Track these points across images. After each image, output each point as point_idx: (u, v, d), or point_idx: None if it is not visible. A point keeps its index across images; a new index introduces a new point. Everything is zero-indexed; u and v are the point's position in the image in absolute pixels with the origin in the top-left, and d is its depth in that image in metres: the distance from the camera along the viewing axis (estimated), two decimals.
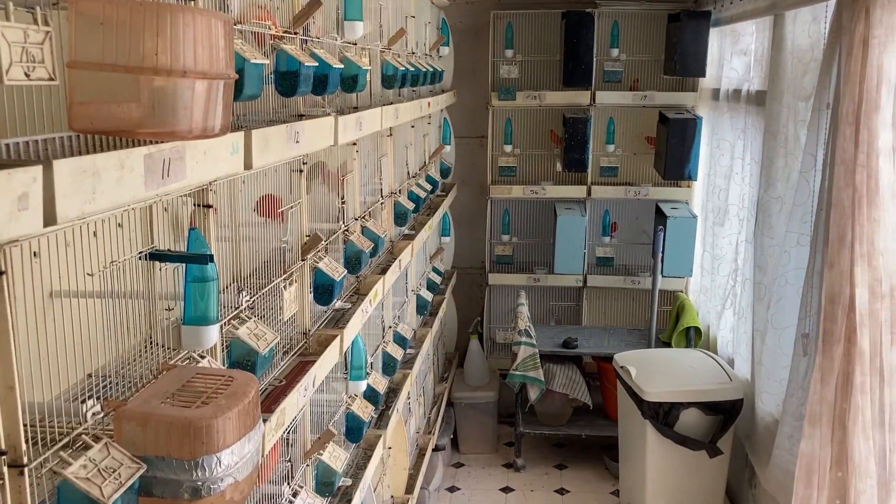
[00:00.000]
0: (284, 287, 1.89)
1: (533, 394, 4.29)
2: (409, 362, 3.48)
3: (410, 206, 3.38)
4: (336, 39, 2.30)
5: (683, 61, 4.29)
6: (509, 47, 4.90)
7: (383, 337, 3.09)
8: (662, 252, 4.33)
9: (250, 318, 1.63)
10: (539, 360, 4.26)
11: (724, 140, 4.11)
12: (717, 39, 4.29)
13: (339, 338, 2.07)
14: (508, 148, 4.99)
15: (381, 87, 2.92)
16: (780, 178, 3.23)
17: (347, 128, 2.10)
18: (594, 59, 4.66)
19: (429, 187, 3.92)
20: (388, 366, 3.07)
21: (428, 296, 4.01)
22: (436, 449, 4.15)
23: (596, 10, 4.65)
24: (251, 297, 1.68)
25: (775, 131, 3.23)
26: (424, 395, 4.18)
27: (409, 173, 3.63)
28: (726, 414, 3.52)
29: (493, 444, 4.71)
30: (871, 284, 2.48)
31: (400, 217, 3.28)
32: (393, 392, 3.17)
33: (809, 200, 2.84)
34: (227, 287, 1.67)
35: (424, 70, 3.55)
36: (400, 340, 3.25)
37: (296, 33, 1.92)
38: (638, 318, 5.00)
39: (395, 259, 2.99)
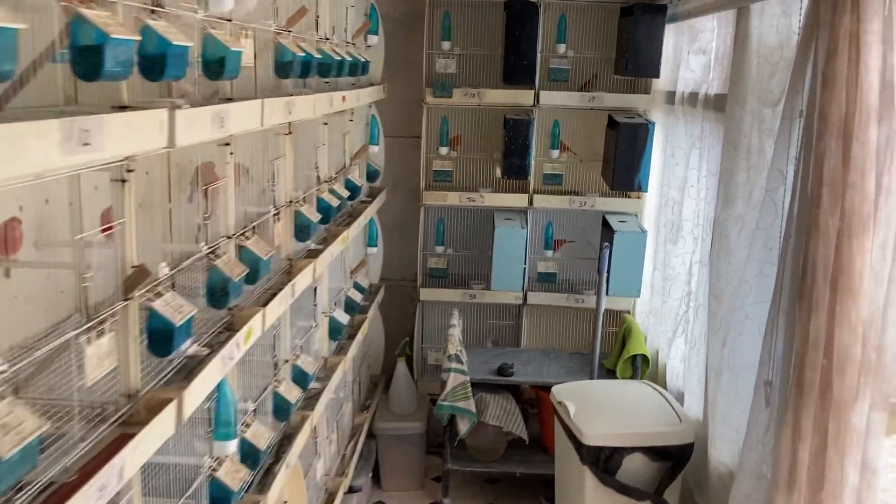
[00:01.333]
0: (88, 342, 1.38)
1: (463, 427, 3.83)
2: (313, 398, 2.98)
3: (316, 216, 2.88)
4: (196, 13, 1.79)
5: (636, 60, 3.88)
6: (447, 39, 4.42)
7: (275, 376, 2.59)
8: (608, 269, 3.91)
9: (3, 399, 1.12)
10: (470, 390, 3.80)
11: (678, 148, 3.70)
12: (673, 37, 3.88)
13: (175, 402, 1.56)
14: (444, 150, 4.51)
15: (275, 75, 2.42)
16: (741, 194, 2.82)
17: (194, 125, 1.59)
18: (538, 56, 4.22)
19: (346, 193, 3.42)
20: (281, 409, 2.57)
21: (344, 318, 3.51)
22: (350, 490, 3.66)
23: (541, 1, 4.21)
24: (9, 366, 1.17)
25: (736, 141, 2.82)
26: (339, 430, 3.68)
27: (319, 178, 3.12)
28: (675, 460, 3.11)
29: (420, 480, 4.23)
30: (854, 325, 2.07)
31: (302, 231, 2.78)
32: (288, 439, 2.66)
33: (777, 224, 2.43)
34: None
35: (340, 59, 3.04)
36: (300, 377, 2.76)
37: (114, 1, 1.42)
38: (581, 340, 4.58)
39: (289, 282, 2.49)
